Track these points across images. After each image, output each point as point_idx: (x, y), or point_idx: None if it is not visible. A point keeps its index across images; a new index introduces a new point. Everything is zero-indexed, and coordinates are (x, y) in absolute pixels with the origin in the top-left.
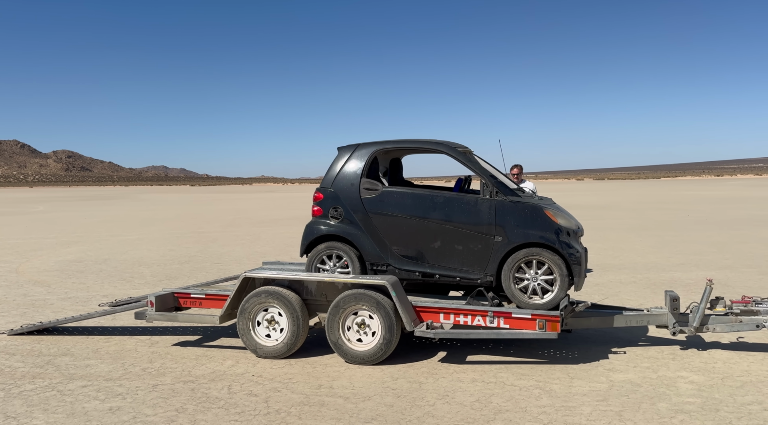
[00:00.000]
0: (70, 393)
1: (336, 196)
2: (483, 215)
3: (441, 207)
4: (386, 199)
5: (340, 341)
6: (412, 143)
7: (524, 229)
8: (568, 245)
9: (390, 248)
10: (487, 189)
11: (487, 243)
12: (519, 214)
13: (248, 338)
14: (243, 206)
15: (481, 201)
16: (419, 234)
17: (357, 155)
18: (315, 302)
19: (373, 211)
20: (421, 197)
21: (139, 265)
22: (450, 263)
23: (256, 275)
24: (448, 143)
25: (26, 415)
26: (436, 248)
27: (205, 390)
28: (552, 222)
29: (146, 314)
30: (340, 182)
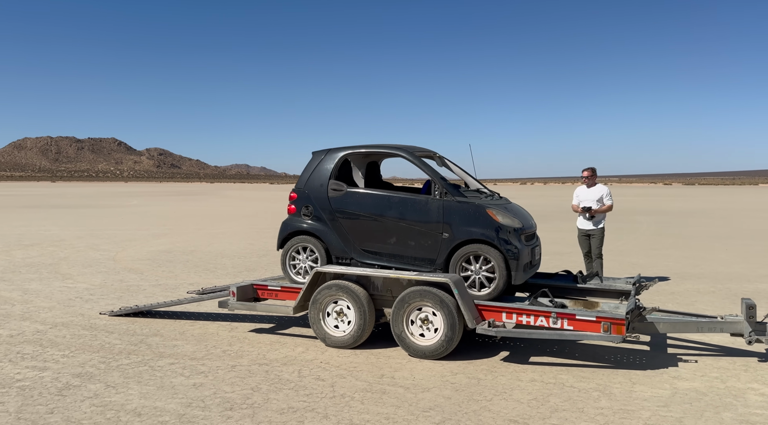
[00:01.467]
0: (160, 369)
1: (308, 196)
2: (432, 214)
3: (396, 207)
4: (349, 199)
5: (404, 334)
6: (375, 147)
7: (468, 227)
8: (506, 241)
9: (353, 243)
10: (437, 190)
11: (436, 239)
12: (464, 213)
13: (318, 327)
14: None
15: (431, 201)
16: (377, 231)
17: (327, 159)
18: (381, 297)
19: (338, 209)
20: (379, 198)
21: (221, 257)
22: (404, 257)
23: (326, 270)
24: (406, 148)
25: (123, 386)
26: (393, 243)
27: (278, 372)
28: (493, 221)
29: (228, 303)
30: (311, 183)
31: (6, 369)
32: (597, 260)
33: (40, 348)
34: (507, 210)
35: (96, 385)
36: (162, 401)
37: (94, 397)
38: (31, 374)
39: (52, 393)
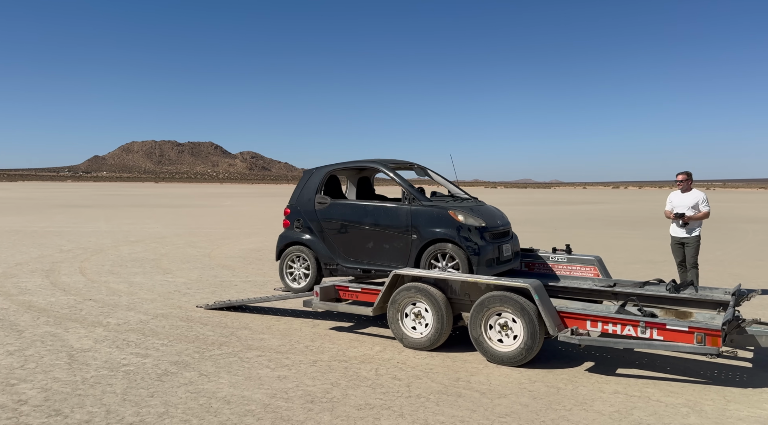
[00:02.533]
0: (248, 360)
1: (299, 210)
2: (402, 219)
3: (371, 214)
4: (332, 210)
5: (482, 339)
6: (353, 163)
7: (433, 228)
8: (467, 239)
9: (338, 250)
10: (406, 197)
11: (407, 241)
12: (429, 216)
13: (396, 327)
14: None
15: (400, 207)
16: (357, 237)
17: (314, 176)
18: (459, 300)
19: (324, 220)
20: (356, 207)
21: None
22: (381, 260)
23: (404, 273)
24: (380, 161)
25: (215, 374)
26: (370, 247)
27: (356, 369)
28: (454, 221)
29: (312, 303)
30: (301, 198)
31: (114, 354)
32: (692, 270)
33: (143, 336)
34: (472, 211)
35: (191, 373)
36: (249, 390)
37: (188, 384)
38: (135, 360)
39: (153, 378)
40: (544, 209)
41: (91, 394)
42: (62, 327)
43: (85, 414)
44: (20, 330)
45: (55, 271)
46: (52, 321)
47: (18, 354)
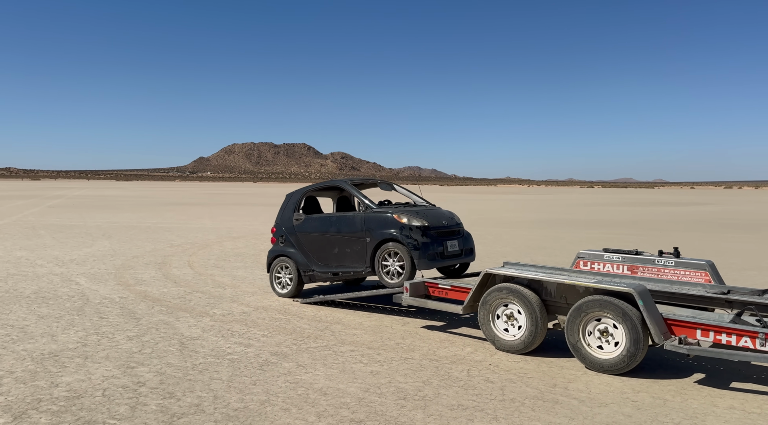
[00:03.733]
0: (342, 354)
1: (281, 228)
2: (357, 225)
3: (334, 224)
4: (306, 223)
5: (579, 345)
6: (324, 183)
7: (381, 230)
8: (408, 236)
9: (312, 257)
10: (361, 207)
11: (363, 244)
12: (378, 220)
13: (487, 329)
14: (486, 207)
15: (356, 215)
16: (325, 245)
17: (293, 198)
18: (554, 303)
19: (300, 233)
20: (322, 219)
21: None
22: (345, 262)
23: (496, 272)
24: (344, 180)
25: (311, 366)
26: (336, 253)
27: (447, 369)
28: (398, 222)
29: (402, 298)
30: (284, 217)
31: (219, 343)
32: None
33: (245, 327)
34: (417, 214)
35: (289, 364)
36: (344, 384)
37: (287, 374)
38: (239, 349)
39: (255, 367)
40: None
41: (200, 380)
42: (174, 315)
43: (195, 398)
44: (138, 318)
45: (167, 264)
46: (164, 310)
47: (136, 339)
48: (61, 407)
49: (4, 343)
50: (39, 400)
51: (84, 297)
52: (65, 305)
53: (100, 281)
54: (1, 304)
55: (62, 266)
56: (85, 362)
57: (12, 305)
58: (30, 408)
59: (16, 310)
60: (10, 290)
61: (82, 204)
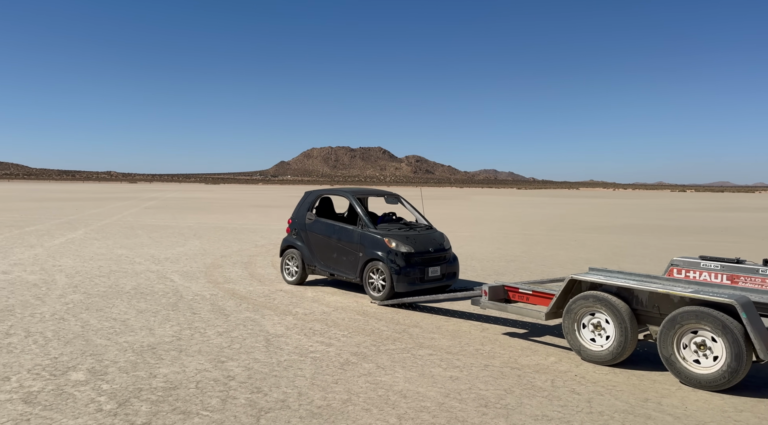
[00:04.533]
0: (420, 358)
1: (296, 222)
2: (354, 239)
3: (338, 233)
4: (315, 224)
5: (674, 358)
6: (333, 190)
7: (372, 249)
8: (392, 261)
9: (315, 255)
10: (359, 222)
11: (356, 256)
12: (371, 240)
13: (572, 338)
14: (568, 211)
15: (354, 230)
16: (327, 248)
17: (309, 197)
18: (646, 313)
19: (309, 232)
20: (329, 225)
21: (471, 259)
22: (340, 267)
23: (582, 278)
24: (350, 190)
25: (390, 368)
26: (335, 257)
27: (530, 378)
28: (386, 246)
29: (480, 302)
30: (299, 213)
31: (302, 341)
32: None
33: (326, 326)
34: (406, 239)
35: (369, 364)
36: (423, 387)
37: (367, 375)
38: (320, 348)
39: (336, 366)
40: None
41: (285, 376)
42: (259, 313)
43: (281, 394)
44: (227, 315)
45: (252, 263)
46: (251, 308)
47: (225, 335)
48: (159, 397)
49: (109, 335)
50: (140, 389)
51: (178, 294)
52: (161, 301)
53: (192, 278)
54: (106, 298)
55: (158, 263)
56: (180, 355)
57: (114, 300)
58: (132, 397)
59: (118, 304)
60: (112, 285)
61: (175, 206)
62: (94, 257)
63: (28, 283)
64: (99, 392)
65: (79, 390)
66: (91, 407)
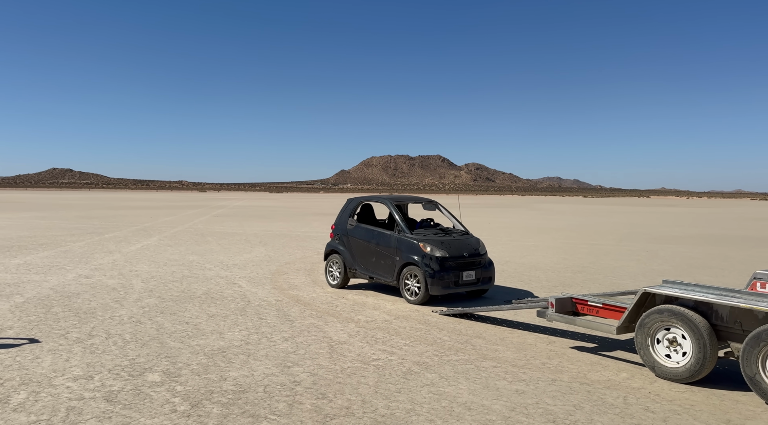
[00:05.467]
0: (484, 370)
1: (338, 227)
2: (392, 244)
3: (376, 238)
4: (356, 230)
5: (759, 377)
6: (372, 197)
7: (408, 253)
8: (427, 265)
9: (356, 259)
10: (396, 228)
11: (394, 260)
12: (408, 244)
13: (646, 354)
14: (638, 220)
15: (392, 235)
16: (367, 252)
17: (351, 204)
18: (726, 329)
19: (351, 237)
20: (369, 230)
21: (535, 269)
22: (379, 271)
23: (657, 291)
24: (389, 197)
25: (454, 379)
26: (374, 261)
27: (600, 394)
28: (421, 250)
29: (547, 314)
30: (341, 219)
31: (365, 349)
32: None
33: (388, 334)
34: (441, 244)
35: (432, 375)
36: (488, 400)
37: (431, 385)
38: (383, 356)
39: (399, 375)
40: None
41: (349, 383)
42: (323, 320)
43: (345, 401)
44: (291, 320)
45: (315, 271)
46: (315, 314)
47: (291, 340)
48: (229, 399)
49: (182, 338)
50: (211, 392)
51: (245, 299)
52: (230, 306)
53: (258, 284)
54: (179, 303)
55: (226, 269)
56: (248, 359)
57: (187, 304)
58: (204, 399)
59: (190, 309)
60: (185, 290)
61: (242, 214)
62: (167, 263)
63: (107, 287)
64: (173, 393)
65: (155, 390)
66: (166, 407)
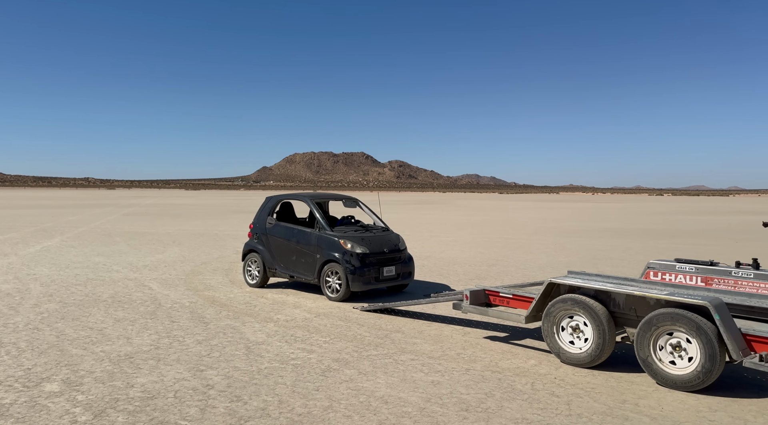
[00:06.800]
0: (402, 363)
1: (257, 226)
2: (312, 242)
3: (297, 236)
4: (275, 228)
5: (650, 359)
6: (292, 195)
7: (329, 251)
8: (348, 262)
9: (276, 258)
10: (317, 226)
11: (314, 258)
12: (328, 242)
13: (552, 341)
14: (549, 215)
15: (311, 233)
16: (287, 251)
17: (270, 202)
18: (623, 316)
19: (270, 235)
20: (288, 229)
21: (453, 264)
22: (299, 269)
23: (561, 282)
24: (309, 194)
25: (372, 374)
26: (294, 259)
27: (510, 382)
28: (342, 247)
29: (462, 306)
30: (260, 217)
31: (283, 348)
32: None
33: (308, 333)
34: (362, 241)
35: (351, 371)
36: (405, 392)
37: (349, 381)
38: (302, 355)
39: (317, 373)
40: (721, 219)
41: (265, 384)
42: (240, 320)
43: (261, 402)
44: (206, 322)
45: (233, 270)
46: (231, 315)
47: (205, 343)
48: (136, 407)
49: (85, 344)
50: (116, 400)
51: (156, 302)
52: (139, 309)
53: (171, 286)
54: (82, 307)
55: (136, 271)
56: (158, 364)
57: (91, 309)
58: (108, 407)
59: (94, 313)
60: (89, 294)
61: (154, 212)
62: (70, 266)
63: (0, 292)
64: (74, 403)
65: (53, 401)
66: (66, 419)
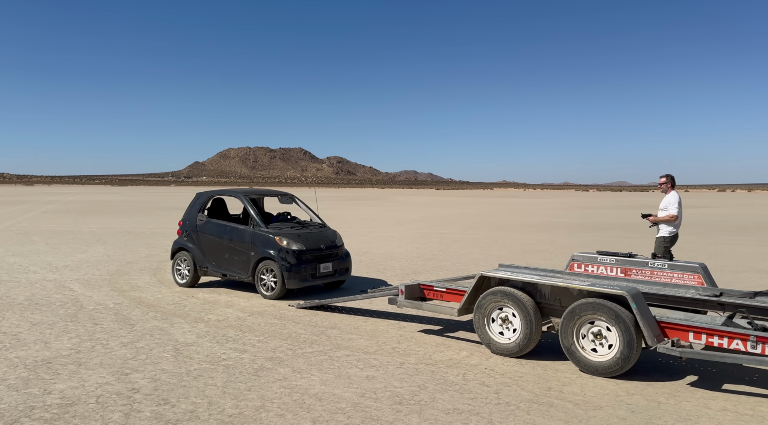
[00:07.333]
0: (338, 359)
1: (187, 223)
2: (246, 239)
3: (229, 233)
4: (206, 225)
5: (574, 348)
6: (225, 191)
7: (264, 248)
8: (283, 258)
9: (207, 256)
10: (251, 223)
11: (248, 256)
12: (263, 239)
13: (482, 332)
14: (483, 210)
15: (245, 230)
16: (219, 249)
17: (201, 199)
18: (549, 306)
19: (201, 233)
20: (221, 226)
21: (390, 259)
22: (232, 267)
23: (491, 275)
24: (243, 190)
25: (307, 371)
26: (226, 257)
27: (443, 373)
28: (277, 244)
29: (397, 301)
30: (190, 214)
31: (214, 349)
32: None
33: (240, 332)
34: (298, 237)
35: (285, 369)
36: (339, 389)
37: (283, 380)
38: (234, 355)
39: (250, 372)
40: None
41: (195, 386)
42: (168, 321)
43: (189, 405)
44: (132, 324)
45: (162, 269)
46: (159, 316)
47: (130, 345)
48: (54, 414)
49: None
50: (32, 408)
51: (78, 304)
52: (59, 312)
53: (94, 287)
54: None
55: (56, 272)
56: (79, 369)
57: (5, 312)
58: (23, 416)
59: (8, 317)
60: (2, 296)
61: (76, 210)
62: None
63: None
64: None
65: None
66: None
